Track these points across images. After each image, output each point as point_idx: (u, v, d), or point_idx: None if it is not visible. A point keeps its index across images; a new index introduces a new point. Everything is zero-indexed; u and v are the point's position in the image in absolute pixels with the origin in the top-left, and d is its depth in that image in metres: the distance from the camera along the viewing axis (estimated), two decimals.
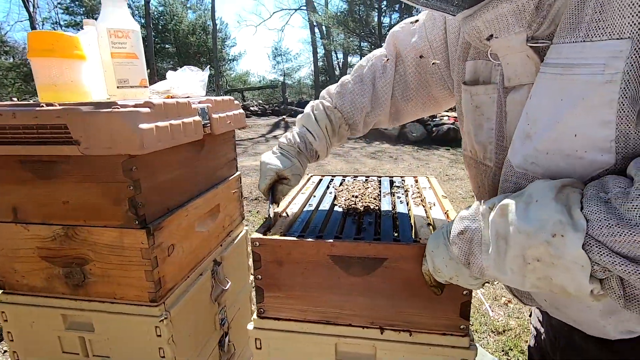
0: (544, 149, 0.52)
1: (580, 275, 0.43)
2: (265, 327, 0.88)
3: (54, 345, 1.04)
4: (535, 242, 0.45)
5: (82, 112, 0.81)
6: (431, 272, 0.68)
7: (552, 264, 0.45)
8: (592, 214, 0.43)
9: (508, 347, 1.97)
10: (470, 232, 0.55)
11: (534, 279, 0.48)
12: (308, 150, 0.95)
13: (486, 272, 0.54)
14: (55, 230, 0.94)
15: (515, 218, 0.48)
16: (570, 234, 0.43)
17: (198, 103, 1.12)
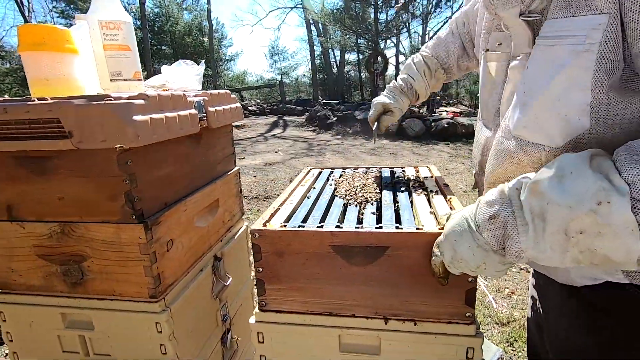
0: (534, 114, 0.58)
1: (631, 240, 0.43)
2: (267, 320, 0.87)
3: (53, 344, 1.02)
4: (580, 213, 0.45)
5: (74, 105, 0.79)
6: (448, 263, 0.65)
7: (599, 233, 0.45)
8: (632, 177, 0.43)
9: (512, 339, 1.96)
10: (504, 215, 0.54)
11: (576, 253, 0.48)
12: (409, 89, 1.15)
13: (524, 253, 0.53)
14: (52, 228, 0.92)
15: (552, 193, 0.47)
16: (616, 199, 0.43)
17: (194, 96, 1.10)
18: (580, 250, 0.47)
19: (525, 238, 0.52)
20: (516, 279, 2.54)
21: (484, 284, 2.50)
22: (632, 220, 0.42)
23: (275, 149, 7.75)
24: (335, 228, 0.79)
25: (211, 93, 1.19)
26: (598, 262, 0.47)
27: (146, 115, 0.84)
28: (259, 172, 5.85)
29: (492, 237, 0.56)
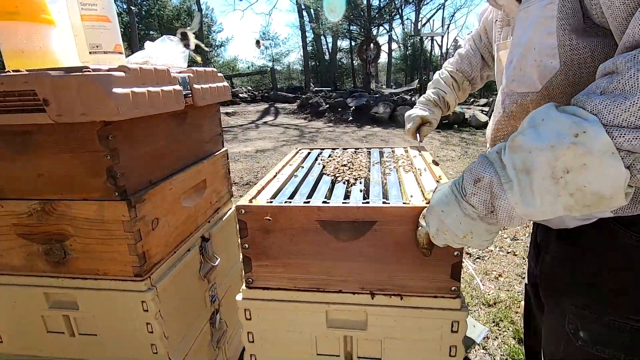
0: (519, 65, 0.67)
1: (614, 163, 0.45)
2: (254, 297, 0.86)
3: (38, 325, 1.01)
4: (562, 149, 0.47)
5: (51, 77, 0.76)
6: (433, 234, 0.66)
7: (584, 166, 0.47)
8: (597, 106, 0.46)
9: (498, 319, 2.00)
10: (488, 177, 0.55)
11: (566, 196, 0.49)
12: (441, 102, 1.26)
13: (514, 211, 0.54)
14: (32, 206, 0.90)
15: (532, 142, 0.50)
16: (590, 127, 0.46)
17: (178, 73, 1.07)
18: (571, 192, 0.49)
19: (511, 194, 0.53)
20: (503, 262, 2.59)
21: (472, 267, 2.54)
22: (609, 142, 0.45)
23: (265, 136, 7.69)
24: (322, 203, 0.78)
25: (196, 70, 1.16)
26: (590, 202, 0.49)
27: (127, 89, 0.81)
28: (250, 159, 5.80)
29: (479, 201, 0.56)
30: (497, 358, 1.72)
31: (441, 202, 0.62)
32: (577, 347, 0.69)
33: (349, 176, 0.98)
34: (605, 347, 0.66)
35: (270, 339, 0.88)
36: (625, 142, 0.44)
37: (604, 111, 0.46)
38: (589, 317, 0.67)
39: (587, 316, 0.67)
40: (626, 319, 0.64)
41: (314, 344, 0.87)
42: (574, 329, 0.69)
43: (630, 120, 0.44)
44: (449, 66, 1.28)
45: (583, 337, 0.68)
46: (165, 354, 0.99)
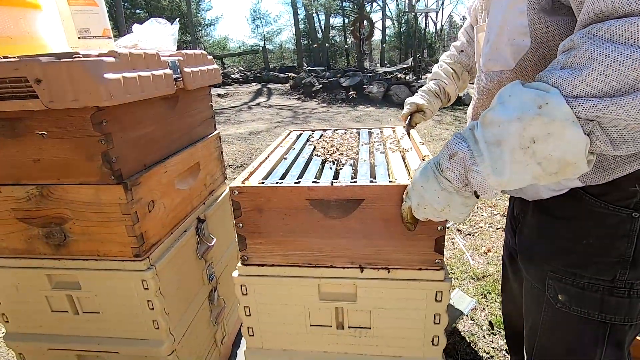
0: (495, 45, 0.71)
1: (576, 130, 0.49)
2: (250, 273, 0.91)
3: (42, 304, 1.05)
4: (527, 120, 0.51)
5: (41, 63, 0.77)
6: (414, 209, 0.70)
7: (549, 135, 0.50)
8: (557, 80, 0.50)
9: (486, 291, 2.09)
10: (461, 152, 0.59)
11: (534, 165, 0.53)
12: (442, 92, 1.26)
13: (487, 181, 0.57)
14: (29, 191, 0.92)
15: (501, 115, 0.54)
16: (552, 98, 0.49)
17: (168, 56, 1.07)
18: (538, 161, 0.52)
19: (483, 166, 0.56)
20: (492, 237, 2.67)
21: (463, 242, 2.62)
22: (570, 111, 0.49)
23: (259, 118, 7.63)
24: (312, 183, 0.82)
25: (186, 53, 1.16)
26: (556, 169, 0.53)
27: (118, 74, 0.82)
28: (244, 141, 5.78)
29: (454, 175, 0.60)
30: (484, 328, 1.81)
31: (421, 178, 0.66)
32: (556, 310, 0.75)
33: (338, 157, 1.01)
34: (581, 307, 0.72)
35: (265, 312, 0.93)
36: (583, 110, 0.48)
37: (563, 83, 0.49)
38: (566, 281, 0.73)
39: (564, 280, 0.73)
40: (598, 280, 0.70)
41: (307, 316, 0.92)
42: (553, 293, 0.75)
43: (586, 90, 0.48)
44: (446, 59, 1.30)
45: (562, 299, 0.74)
46: (167, 329, 1.04)
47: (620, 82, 0.45)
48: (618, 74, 0.45)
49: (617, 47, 0.45)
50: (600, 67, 0.46)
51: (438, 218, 0.68)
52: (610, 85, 0.46)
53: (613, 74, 0.45)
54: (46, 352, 1.10)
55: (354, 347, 0.93)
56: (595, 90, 0.47)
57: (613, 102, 0.46)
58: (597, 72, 0.46)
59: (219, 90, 10.56)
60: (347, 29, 20.82)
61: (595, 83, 0.47)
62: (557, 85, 0.50)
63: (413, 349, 0.91)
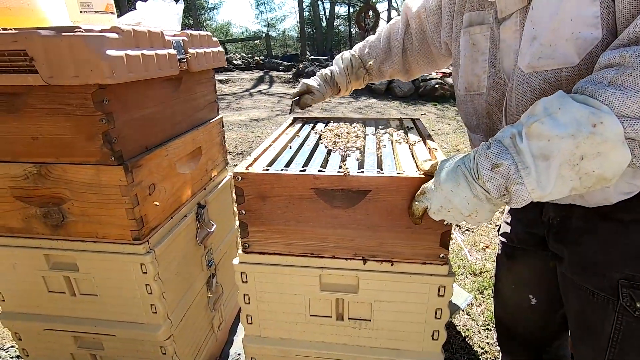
0: (548, 41, 0.62)
1: (624, 151, 0.50)
2: (250, 261, 0.89)
3: (39, 285, 1.04)
4: (581, 138, 0.51)
5: (41, 36, 0.74)
6: (434, 211, 0.68)
7: (598, 154, 0.51)
8: (608, 97, 0.50)
9: (483, 287, 2.09)
10: (506, 164, 0.57)
11: (576, 180, 0.54)
12: (331, 80, 1.26)
13: (531, 195, 0.57)
14: (27, 169, 0.90)
15: (551, 130, 0.53)
16: (607, 118, 0.50)
17: (172, 36, 1.04)
18: (579, 176, 0.54)
19: (529, 180, 0.55)
20: (491, 234, 2.67)
21: (461, 238, 2.62)
22: (622, 132, 0.50)
23: (260, 105, 7.57)
24: (317, 172, 0.80)
25: (191, 34, 1.13)
26: (592, 183, 0.54)
27: (121, 51, 0.79)
28: (244, 128, 5.73)
29: (494, 186, 0.59)
30: (479, 323, 1.82)
31: (450, 182, 0.63)
32: (635, 318, 0.70)
33: (344, 146, 0.99)
34: None
35: (265, 300, 0.92)
36: (632, 131, 0.49)
37: (615, 102, 0.49)
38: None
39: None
40: None
41: (307, 306, 0.91)
42: (630, 301, 0.70)
43: (637, 112, 0.49)
44: (354, 50, 1.27)
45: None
46: (164, 313, 1.03)
47: None
48: None
49: None
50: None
51: (456, 222, 0.67)
52: None
53: None
54: (42, 332, 1.09)
55: (353, 338, 0.93)
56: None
57: None
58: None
59: (220, 76, 10.44)
60: (352, 18, 20.53)
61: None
62: (607, 103, 0.50)
63: (412, 342, 0.91)
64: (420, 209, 0.71)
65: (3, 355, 1.55)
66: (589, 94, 0.52)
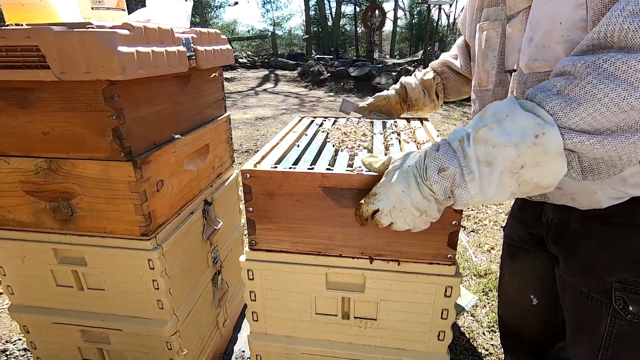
0: (542, 43, 0.63)
1: (561, 163, 0.52)
2: (257, 258, 0.89)
3: (47, 279, 1.05)
4: (524, 148, 0.52)
5: (54, 32, 0.74)
6: (385, 213, 0.68)
7: (537, 164, 0.52)
8: (553, 108, 0.51)
9: (488, 289, 2.08)
10: (452, 169, 0.58)
11: (515, 186, 0.56)
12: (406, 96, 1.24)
13: (474, 199, 0.59)
14: (38, 164, 0.90)
15: (497, 137, 0.54)
16: (549, 129, 0.50)
17: (182, 33, 1.05)
18: (519, 183, 0.55)
19: (472, 185, 0.57)
20: (497, 236, 2.65)
21: (466, 239, 2.61)
22: (562, 144, 0.51)
23: (265, 104, 7.58)
24: (325, 170, 0.80)
25: (200, 31, 1.13)
26: (529, 190, 0.56)
27: (132, 47, 0.80)
28: (250, 126, 5.75)
29: (440, 189, 0.60)
30: (484, 324, 1.81)
31: (403, 182, 0.64)
32: (627, 321, 0.71)
33: (352, 145, 0.99)
34: None
35: (271, 298, 0.93)
36: (570, 143, 0.50)
37: (559, 113, 0.51)
38: (637, 291, 0.68)
39: (635, 290, 0.69)
40: None
41: (313, 304, 0.91)
42: (623, 305, 0.70)
43: (579, 124, 0.50)
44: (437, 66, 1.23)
45: (633, 310, 0.70)
46: (171, 309, 1.04)
47: (610, 122, 0.48)
48: (611, 114, 0.48)
49: (618, 86, 0.47)
50: (597, 104, 0.48)
51: (405, 225, 0.67)
52: (601, 124, 0.49)
53: (607, 113, 0.48)
54: (50, 325, 1.10)
55: (359, 337, 0.93)
56: (587, 127, 0.49)
57: (599, 140, 0.49)
58: (593, 109, 0.48)
59: (226, 74, 10.46)
60: (358, 17, 20.48)
61: (589, 119, 0.49)
62: (552, 113, 0.51)
63: (418, 342, 0.91)
64: (370, 211, 0.70)
65: (10, 348, 1.57)
66: (538, 102, 0.53)
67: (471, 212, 2.96)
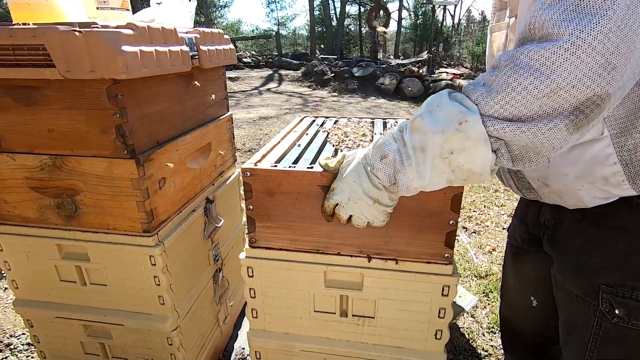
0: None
1: (485, 149, 0.54)
2: (257, 256, 0.91)
3: (51, 274, 1.06)
4: (449, 135, 0.55)
5: (59, 32, 0.76)
6: (344, 204, 0.71)
7: (463, 149, 0.55)
8: (478, 97, 0.54)
9: (489, 290, 2.08)
10: (392, 154, 0.62)
11: (449, 172, 0.59)
12: None
13: (412, 183, 0.62)
14: (43, 160, 0.92)
15: (428, 125, 0.57)
16: (471, 117, 0.54)
17: (185, 33, 1.06)
18: (452, 169, 0.58)
19: (410, 169, 0.60)
20: (498, 237, 2.65)
21: (467, 240, 2.60)
22: (483, 131, 0.53)
23: (269, 104, 7.60)
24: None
25: (203, 31, 1.15)
26: (465, 176, 0.59)
27: (135, 47, 0.81)
28: (253, 125, 5.77)
29: (384, 175, 0.63)
30: (484, 325, 1.81)
31: (353, 174, 0.68)
32: (613, 324, 0.71)
33: (352, 144, 1.00)
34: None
35: (270, 295, 0.94)
36: (494, 131, 0.53)
37: (482, 102, 0.54)
38: (624, 294, 0.68)
39: (622, 293, 0.69)
40: None
41: (311, 301, 0.92)
42: (609, 307, 0.70)
43: (499, 112, 0.52)
44: None
45: (619, 314, 0.69)
46: (172, 305, 1.05)
47: (528, 109, 0.51)
48: (526, 102, 0.50)
49: (530, 74, 0.49)
50: (512, 93, 0.51)
51: (363, 218, 0.70)
52: (519, 111, 0.51)
53: (522, 101, 0.50)
54: (53, 319, 1.12)
55: (357, 335, 0.94)
56: (506, 114, 0.52)
57: (518, 127, 0.51)
58: (509, 97, 0.51)
59: (230, 74, 10.50)
60: (362, 17, 20.47)
61: (507, 107, 0.52)
62: (477, 103, 0.54)
63: (415, 341, 0.91)
64: (332, 206, 0.74)
65: (15, 342, 1.59)
66: (466, 93, 0.56)
67: (473, 214, 2.96)
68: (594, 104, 0.49)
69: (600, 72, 0.47)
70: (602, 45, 0.46)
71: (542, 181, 0.76)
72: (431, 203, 0.79)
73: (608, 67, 0.47)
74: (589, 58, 0.46)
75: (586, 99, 0.48)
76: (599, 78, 0.47)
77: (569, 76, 0.47)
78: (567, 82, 0.48)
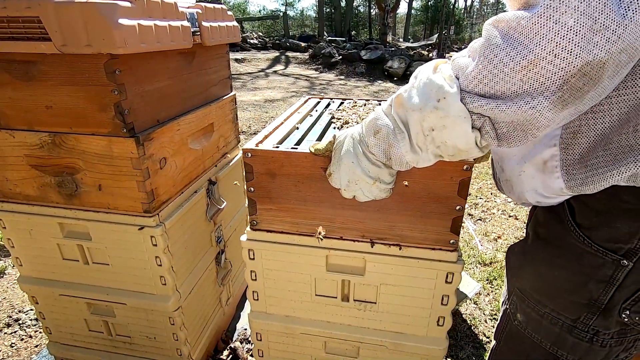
0: None
1: (465, 126, 0.51)
2: (258, 238, 0.89)
3: (54, 252, 1.07)
4: (427, 112, 0.53)
5: (54, 3, 0.73)
6: (344, 187, 0.70)
7: (444, 127, 0.53)
8: (460, 71, 0.51)
9: (492, 277, 2.07)
10: (384, 129, 0.60)
11: (433, 148, 0.57)
12: None
13: (405, 158, 0.60)
14: (42, 138, 0.91)
15: (408, 102, 0.56)
16: (449, 94, 0.50)
17: (186, 8, 1.02)
18: (437, 145, 0.56)
19: (404, 143, 0.59)
20: (504, 224, 2.62)
21: (473, 227, 2.58)
22: (462, 108, 0.50)
23: (275, 86, 7.50)
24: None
25: (205, 6, 1.10)
26: (452, 152, 0.57)
27: (133, 21, 0.78)
28: (259, 108, 5.72)
29: (379, 151, 0.62)
30: (486, 312, 1.80)
31: (350, 154, 0.66)
32: (513, 325, 0.72)
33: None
34: (536, 332, 0.67)
35: (271, 278, 0.93)
36: (474, 108, 0.50)
37: (461, 76, 0.51)
38: (529, 304, 0.68)
39: (527, 302, 0.68)
40: (560, 315, 0.63)
41: (313, 285, 0.91)
42: (514, 310, 0.71)
43: (479, 87, 0.49)
44: None
45: (520, 318, 0.70)
46: (173, 285, 1.05)
47: (506, 83, 0.46)
48: (504, 75, 0.45)
49: (508, 44, 0.44)
50: (489, 66, 0.46)
51: (369, 194, 0.69)
52: (499, 86, 0.46)
53: (500, 75, 0.46)
54: (58, 297, 1.13)
55: (358, 320, 0.93)
56: (486, 89, 0.48)
57: (497, 105, 0.47)
58: (486, 71, 0.47)
59: (236, 55, 10.36)
60: None
61: (485, 81, 0.47)
62: (458, 77, 0.51)
63: (417, 327, 0.91)
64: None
65: (23, 317, 1.63)
66: (453, 63, 0.53)
67: (479, 201, 2.92)
68: (586, 76, 0.42)
69: (587, 35, 0.39)
70: (585, 4, 0.38)
71: (500, 164, 0.71)
72: (438, 188, 0.76)
73: (595, 28, 0.39)
74: (571, 20, 0.39)
75: (577, 71, 0.41)
76: (586, 42, 0.39)
77: (549, 44, 0.41)
78: (548, 52, 0.41)
